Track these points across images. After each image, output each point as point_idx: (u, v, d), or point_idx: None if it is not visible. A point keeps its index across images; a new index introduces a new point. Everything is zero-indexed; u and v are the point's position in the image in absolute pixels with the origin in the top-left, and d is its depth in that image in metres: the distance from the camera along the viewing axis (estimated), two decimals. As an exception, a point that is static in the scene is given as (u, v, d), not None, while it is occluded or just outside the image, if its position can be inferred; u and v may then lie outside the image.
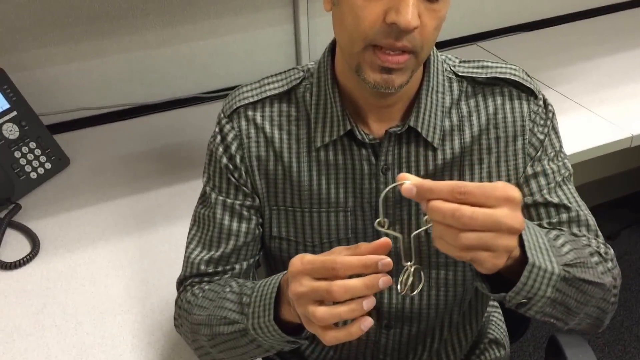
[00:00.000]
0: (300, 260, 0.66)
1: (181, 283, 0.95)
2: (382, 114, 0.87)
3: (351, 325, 0.64)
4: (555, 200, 0.88)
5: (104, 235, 1.26)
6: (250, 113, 0.90)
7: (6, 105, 1.40)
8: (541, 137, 0.90)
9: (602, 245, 0.87)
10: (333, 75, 0.87)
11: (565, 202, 0.89)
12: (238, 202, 0.91)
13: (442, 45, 1.93)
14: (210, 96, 1.73)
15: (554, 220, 0.88)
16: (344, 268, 0.64)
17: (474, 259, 0.63)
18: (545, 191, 0.89)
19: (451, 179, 0.89)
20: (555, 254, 0.71)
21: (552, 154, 0.90)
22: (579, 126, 1.57)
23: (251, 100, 0.90)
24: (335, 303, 0.65)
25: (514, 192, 0.62)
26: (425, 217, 0.63)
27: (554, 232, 0.83)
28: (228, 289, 0.86)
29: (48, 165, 1.43)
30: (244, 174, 0.91)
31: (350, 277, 0.64)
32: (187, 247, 0.94)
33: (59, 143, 1.47)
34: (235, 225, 0.91)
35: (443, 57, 0.91)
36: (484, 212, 0.60)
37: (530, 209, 0.89)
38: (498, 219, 0.61)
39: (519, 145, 0.89)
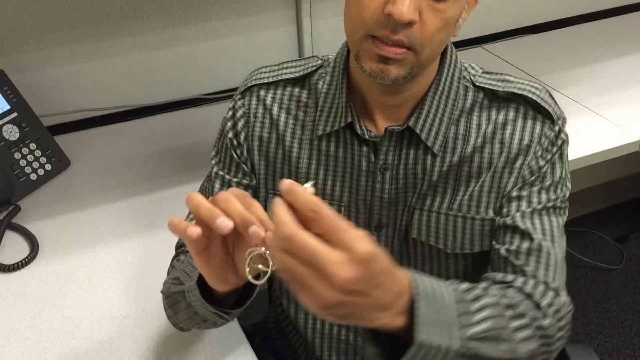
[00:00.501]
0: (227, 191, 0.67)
1: (176, 249, 0.99)
2: (389, 112, 0.87)
3: (188, 223, 0.66)
4: (522, 226, 0.84)
5: (103, 238, 1.26)
6: (262, 93, 0.92)
7: (6, 107, 1.40)
8: (542, 163, 0.86)
9: (548, 295, 0.79)
10: (346, 66, 0.88)
11: (532, 231, 0.83)
12: (236, 179, 0.94)
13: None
14: (212, 97, 1.72)
15: (513, 248, 0.83)
16: (229, 203, 0.64)
17: (294, 282, 0.57)
18: (518, 215, 0.85)
19: (445, 188, 0.88)
20: (460, 325, 0.63)
21: (549, 183, 0.86)
22: (586, 130, 1.56)
23: (266, 80, 0.92)
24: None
25: (363, 246, 0.54)
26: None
27: (477, 291, 0.72)
28: None
29: (48, 167, 1.43)
30: (245, 152, 0.93)
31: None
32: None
33: (60, 144, 1.47)
34: None
35: (465, 65, 0.90)
36: (308, 241, 0.54)
37: (496, 231, 0.87)
38: (320, 256, 0.53)
39: (517, 165, 0.86)
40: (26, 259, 1.19)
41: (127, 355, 1.01)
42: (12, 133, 1.40)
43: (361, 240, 0.54)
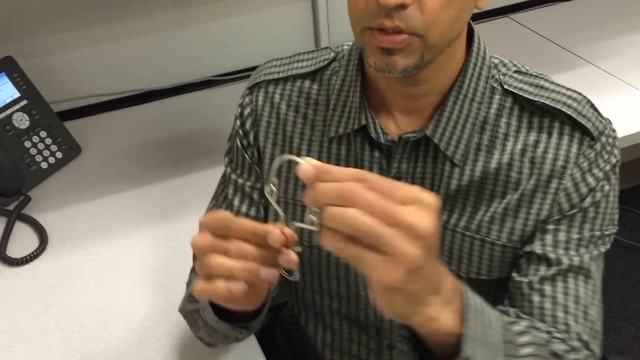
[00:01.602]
0: (210, 215, 0.63)
1: (194, 260, 0.94)
2: (409, 106, 0.79)
3: (219, 280, 0.60)
4: (553, 258, 0.76)
5: (112, 229, 1.26)
6: (271, 89, 0.87)
7: (16, 94, 1.40)
8: (583, 190, 0.76)
9: (581, 353, 0.74)
10: (360, 60, 0.81)
11: (565, 266, 0.76)
12: (249, 183, 0.89)
13: (470, 20, 1.84)
14: (225, 79, 1.69)
15: (545, 289, 0.76)
16: (235, 229, 0.61)
17: (358, 260, 0.52)
18: (550, 246, 0.77)
19: (465, 204, 0.79)
20: (506, 353, 0.61)
21: (592, 216, 0.77)
22: (624, 106, 1.47)
23: (275, 76, 0.87)
24: None
25: (426, 194, 0.53)
26: (311, 216, 0.57)
27: (522, 327, 0.69)
28: None
29: (59, 155, 1.43)
30: (256, 153, 0.88)
31: None
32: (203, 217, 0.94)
33: (70, 131, 1.46)
34: (244, 208, 0.90)
35: (496, 61, 0.80)
36: (377, 196, 0.51)
37: (520, 259, 0.79)
38: (396, 210, 0.51)
39: (551, 189, 0.77)
40: (35, 252, 1.19)
41: (134, 356, 1.01)
42: (22, 121, 1.39)
43: (423, 191, 0.53)
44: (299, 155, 0.83)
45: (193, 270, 0.94)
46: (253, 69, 1.69)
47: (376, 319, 0.89)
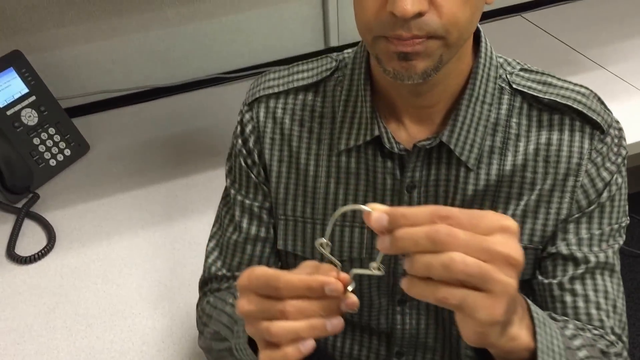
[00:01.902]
0: (248, 275, 0.59)
1: (202, 287, 0.93)
2: (420, 117, 0.79)
3: (288, 345, 0.57)
4: (580, 256, 0.79)
5: (119, 229, 1.29)
6: (272, 104, 0.85)
7: (25, 90, 1.43)
8: (599, 185, 0.78)
9: (617, 346, 0.77)
10: (368, 68, 0.79)
11: (592, 264, 0.79)
12: (257, 203, 0.87)
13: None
14: (233, 76, 1.71)
15: (577, 289, 0.78)
16: (287, 288, 0.57)
17: (462, 304, 0.51)
18: (574, 244, 0.79)
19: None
20: (568, 358, 0.63)
21: (609, 210, 0.79)
22: (633, 112, 1.48)
23: (275, 90, 0.85)
24: None
25: (508, 220, 0.53)
26: (372, 264, 0.56)
27: (570, 330, 0.72)
28: (230, 300, 0.82)
29: (67, 152, 1.46)
30: (262, 171, 0.86)
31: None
32: (207, 245, 0.92)
33: (78, 128, 1.50)
34: (254, 229, 0.88)
35: (501, 60, 0.81)
36: (469, 234, 0.50)
37: (545, 260, 0.81)
38: (490, 244, 0.50)
39: (568, 187, 0.78)
40: (43, 251, 1.23)
41: (138, 357, 1.05)
42: (30, 118, 1.43)
43: (502, 216, 0.53)
44: (307, 171, 0.84)
45: (205, 294, 0.92)
46: (261, 66, 1.74)
47: (387, 326, 0.90)
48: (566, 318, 0.79)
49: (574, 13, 1.91)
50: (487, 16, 1.87)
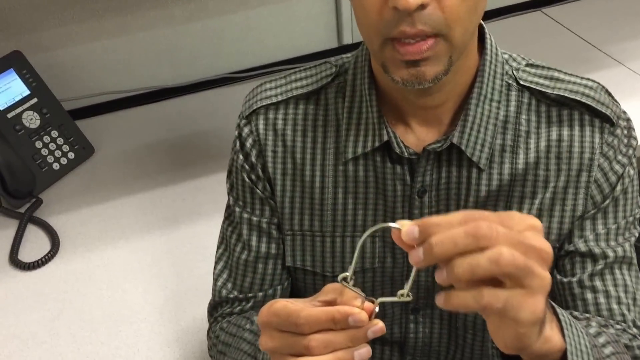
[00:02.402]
0: (267, 310, 0.59)
1: (212, 312, 0.92)
2: (428, 115, 0.78)
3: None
4: (598, 253, 0.80)
5: (125, 233, 1.30)
6: (271, 115, 0.83)
7: (26, 92, 1.44)
8: (613, 178, 0.79)
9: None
10: (370, 72, 0.79)
11: (611, 259, 0.80)
12: (265, 219, 0.86)
13: (498, 14, 1.85)
14: (243, 76, 1.72)
15: (598, 286, 0.80)
16: (308, 324, 0.56)
17: (506, 306, 0.51)
18: (592, 241, 0.80)
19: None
20: (596, 357, 0.64)
21: (623, 203, 0.80)
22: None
23: (274, 100, 0.83)
24: None
25: (533, 219, 0.54)
26: (400, 291, 0.57)
27: (594, 328, 0.73)
28: (248, 326, 0.83)
29: (71, 155, 1.47)
30: (268, 185, 0.85)
31: None
32: (214, 267, 0.91)
33: (82, 130, 1.50)
34: (264, 247, 0.87)
35: (506, 56, 0.81)
36: (505, 230, 0.51)
37: (563, 259, 0.82)
38: (526, 239, 0.51)
39: (582, 183, 0.79)
40: (46, 257, 1.24)
41: (143, 363, 1.05)
42: (32, 120, 1.43)
43: (529, 216, 0.54)
44: (313, 183, 0.83)
45: (216, 319, 0.91)
46: (273, 65, 1.74)
47: (401, 335, 0.90)
48: (588, 315, 0.79)
49: (595, 8, 1.90)
50: (506, 11, 1.86)
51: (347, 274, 0.58)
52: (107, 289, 1.18)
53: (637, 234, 0.83)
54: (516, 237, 0.51)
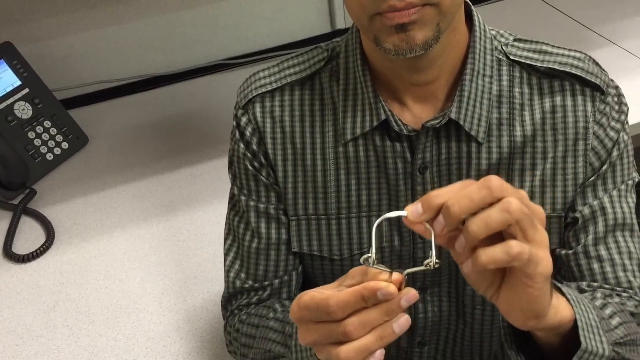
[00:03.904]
0: (297, 305, 0.58)
1: (226, 306, 0.88)
2: (423, 92, 0.76)
3: None
4: (599, 214, 0.80)
5: (121, 222, 1.23)
6: (267, 103, 0.81)
7: (17, 82, 1.38)
8: (608, 144, 0.78)
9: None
10: (362, 53, 0.77)
11: (612, 223, 0.80)
12: (272, 205, 0.83)
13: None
14: (237, 62, 1.66)
15: (601, 255, 0.79)
16: (340, 309, 0.55)
17: (531, 256, 0.52)
18: (597, 205, 0.80)
19: None
20: (604, 330, 0.64)
21: (620, 167, 0.80)
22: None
23: (269, 88, 0.81)
24: None
25: (522, 191, 0.55)
26: (427, 260, 0.55)
27: (600, 300, 0.74)
28: (272, 315, 0.80)
29: (65, 145, 1.40)
30: (271, 171, 0.82)
31: None
32: (225, 259, 0.87)
33: (76, 119, 1.44)
34: (274, 233, 0.83)
35: (494, 32, 0.80)
36: (510, 186, 0.53)
37: (569, 227, 0.81)
38: (523, 196, 0.53)
39: (579, 151, 0.78)
40: (41, 248, 1.17)
41: (143, 354, 0.99)
42: (24, 111, 1.37)
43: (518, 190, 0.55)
44: (314, 166, 0.80)
45: (233, 312, 0.87)
46: (267, 51, 1.67)
47: (410, 316, 0.85)
48: (594, 285, 0.79)
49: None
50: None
51: (368, 255, 0.56)
52: (104, 279, 1.11)
53: (635, 197, 0.83)
54: (518, 193, 0.53)
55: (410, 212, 0.54)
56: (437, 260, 0.54)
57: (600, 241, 0.79)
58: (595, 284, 0.79)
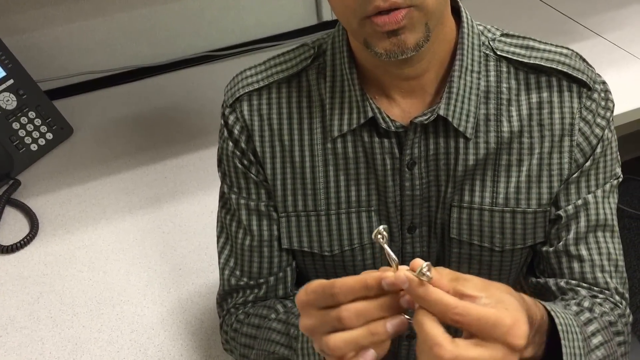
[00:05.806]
0: (305, 290, 0.58)
1: (222, 304, 0.87)
2: (411, 87, 0.76)
3: (350, 358, 0.56)
4: (582, 211, 0.80)
5: (106, 213, 1.21)
6: (255, 101, 0.80)
7: (2, 73, 1.35)
8: (594, 141, 0.78)
9: (622, 305, 0.80)
10: (349, 50, 0.77)
11: (594, 223, 0.80)
12: (263, 202, 0.82)
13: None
14: (223, 54, 1.63)
15: (583, 254, 0.80)
16: (343, 292, 0.55)
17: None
18: (580, 203, 0.80)
19: (484, 179, 0.79)
20: (585, 352, 0.65)
21: (603, 165, 0.80)
22: (631, 79, 1.43)
23: (256, 86, 0.80)
24: None
25: (518, 339, 0.53)
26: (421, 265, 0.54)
27: (586, 315, 0.74)
28: (274, 315, 0.79)
29: (49, 136, 1.38)
30: (261, 169, 0.81)
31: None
32: (219, 257, 0.86)
33: (61, 110, 1.41)
34: (265, 230, 0.82)
35: (481, 27, 0.79)
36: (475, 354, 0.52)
37: (551, 223, 0.81)
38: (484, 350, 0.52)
39: (565, 147, 0.78)
40: (25, 239, 1.15)
41: (127, 346, 0.97)
42: (8, 102, 1.34)
43: (514, 333, 0.53)
44: (303, 163, 0.79)
45: (229, 311, 0.86)
46: (253, 42, 1.64)
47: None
48: (573, 282, 0.80)
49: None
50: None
51: (381, 227, 0.56)
52: (89, 271, 1.10)
53: (616, 195, 0.83)
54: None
55: (398, 276, 0.54)
56: (429, 268, 0.54)
57: (581, 240, 0.79)
58: (573, 282, 0.80)
